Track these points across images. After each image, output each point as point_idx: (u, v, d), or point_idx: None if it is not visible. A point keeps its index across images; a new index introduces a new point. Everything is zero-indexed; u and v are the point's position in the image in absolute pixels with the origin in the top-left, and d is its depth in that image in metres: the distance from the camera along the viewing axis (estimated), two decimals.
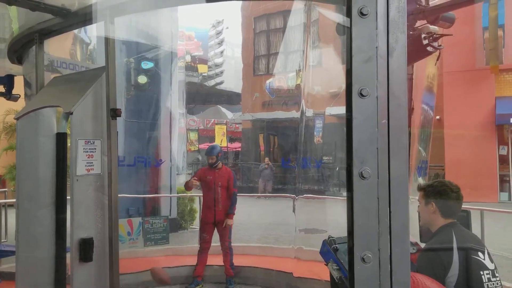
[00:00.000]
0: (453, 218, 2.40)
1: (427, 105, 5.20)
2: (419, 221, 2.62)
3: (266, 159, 17.30)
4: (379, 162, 1.01)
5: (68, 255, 2.23)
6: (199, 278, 5.83)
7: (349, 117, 1.02)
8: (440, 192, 2.44)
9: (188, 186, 6.15)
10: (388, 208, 1.01)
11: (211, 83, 34.51)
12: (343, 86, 1.05)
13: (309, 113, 7.22)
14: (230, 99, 28.03)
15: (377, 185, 1.01)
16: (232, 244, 5.94)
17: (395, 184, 1.01)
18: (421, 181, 4.98)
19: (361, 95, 1.01)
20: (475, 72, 14.37)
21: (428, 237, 2.51)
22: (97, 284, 2.10)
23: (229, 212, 5.80)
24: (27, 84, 3.86)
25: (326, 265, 2.06)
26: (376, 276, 1.00)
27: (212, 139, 24.66)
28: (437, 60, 4.54)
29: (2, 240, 6.66)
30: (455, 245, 2.20)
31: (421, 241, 2.63)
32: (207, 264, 5.89)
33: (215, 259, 5.96)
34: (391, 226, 1.01)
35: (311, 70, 7.15)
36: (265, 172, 16.11)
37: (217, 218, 5.77)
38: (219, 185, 5.78)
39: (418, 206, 2.57)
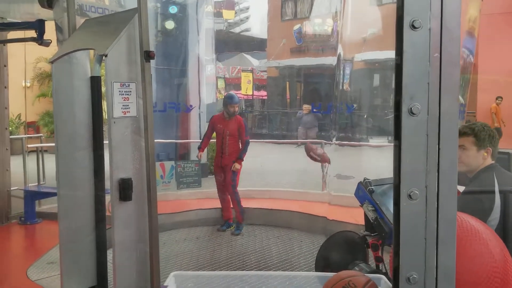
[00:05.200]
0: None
1: (468, 50, 4.98)
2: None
3: (305, 106, 15.80)
4: (430, 98, 0.98)
5: (107, 197, 2.30)
6: (230, 221, 6.08)
7: (399, 51, 0.98)
8: (491, 135, 2.40)
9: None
10: (437, 145, 0.98)
11: (237, 29, 33.90)
12: (375, 31, 1.00)
13: (344, 58, 7.04)
14: (256, 45, 27.55)
15: (426, 122, 0.98)
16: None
17: (445, 120, 0.98)
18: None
19: (413, 27, 0.96)
20: None
21: (463, 182, 2.46)
22: (136, 222, 2.17)
23: (239, 157, 6.11)
24: (58, 29, 3.87)
25: (361, 206, 2.07)
26: (423, 213, 0.99)
27: (238, 86, 24.47)
28: None
29: (41, 183, 6.95)
30: (496, 189, 2.16)
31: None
32: (231, 206, 6.13)
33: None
34: (439, 163, 0.99)
35: (349, 13, 6.88)
36: (305, 119, 14.75)
37: (223, 163, 6.14)
38: (227, 133, 6.09)
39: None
